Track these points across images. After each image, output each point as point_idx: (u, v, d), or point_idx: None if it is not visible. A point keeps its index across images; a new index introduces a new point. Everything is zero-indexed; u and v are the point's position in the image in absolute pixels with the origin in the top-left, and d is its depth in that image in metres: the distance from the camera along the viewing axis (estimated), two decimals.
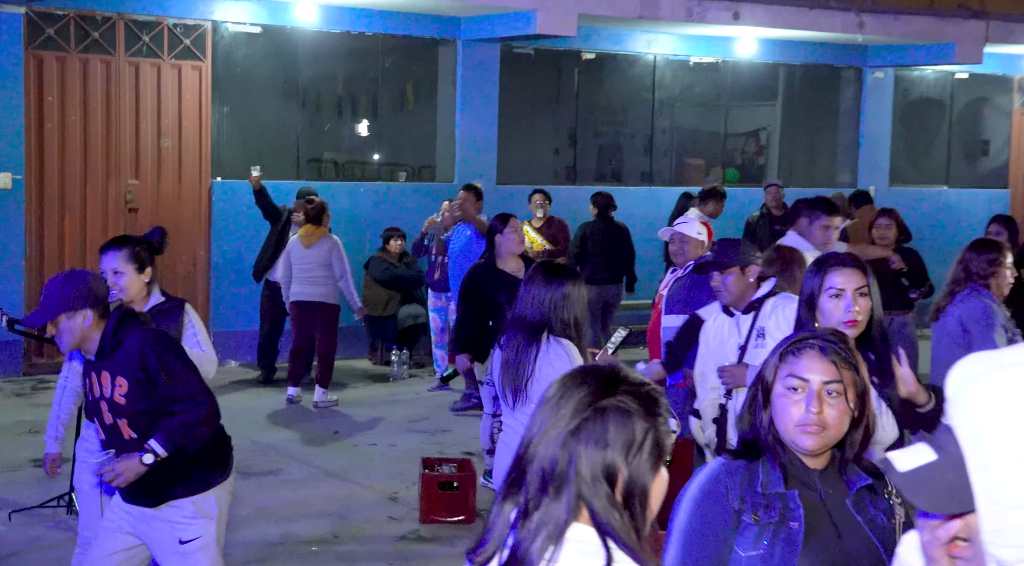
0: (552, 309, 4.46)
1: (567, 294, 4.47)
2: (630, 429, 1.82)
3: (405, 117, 12.47)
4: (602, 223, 10.80)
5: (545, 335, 4.46)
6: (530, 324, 4.48)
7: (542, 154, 13.29)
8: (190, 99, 10.89)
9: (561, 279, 4.50)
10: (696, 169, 13.87)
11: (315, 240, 9.61)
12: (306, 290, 9.59)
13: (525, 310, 4.50)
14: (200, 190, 11.06)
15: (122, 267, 4.69)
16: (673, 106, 13.80)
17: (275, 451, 8.42)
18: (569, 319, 4.47)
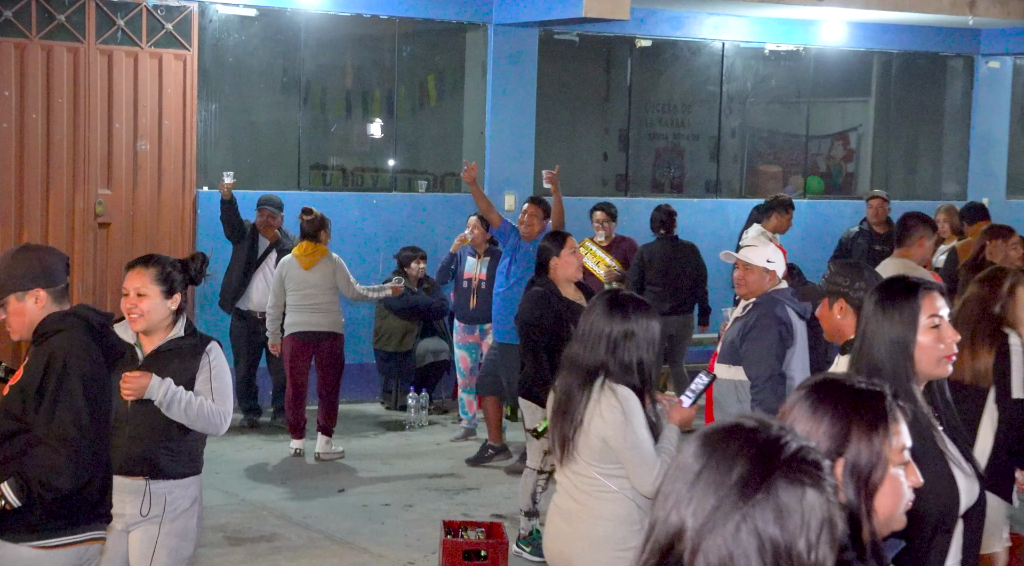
0: (611, 349, 4.42)
1: (631, 332, 4.41)
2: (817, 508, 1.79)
3: (426, 116, 12.54)
4: (666, 243, 10.70)
5: (600, 380, 4.43)
6: (583, 365, 4.47)
7: (588, 160, 13.27)
8: (172, 94, 10.90)
9: (625, 312, 4.44)
10: (771, 178, 13.82)
11: (315, 260, 9.61)
12: (309, 319, 9.59)
13: (579, 347, 4.50)
14: (183, 202, 11.07)
15: (147, 288, 4.75)
16: (744, 102, 13.76)
17: (268, 512, 8.42)
18: (631, 362, 4.42)
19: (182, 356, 4.81)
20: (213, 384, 4.82)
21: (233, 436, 10.30)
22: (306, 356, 9.67)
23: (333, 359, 9.70)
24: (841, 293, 4.78)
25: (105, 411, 4.33)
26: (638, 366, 4.42)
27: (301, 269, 9.60)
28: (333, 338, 9.67)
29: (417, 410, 10.90)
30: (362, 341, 11.45)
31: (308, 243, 9.65)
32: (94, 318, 4.29)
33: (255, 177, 11.59)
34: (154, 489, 4.83)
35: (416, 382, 11.19)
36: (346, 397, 11.50)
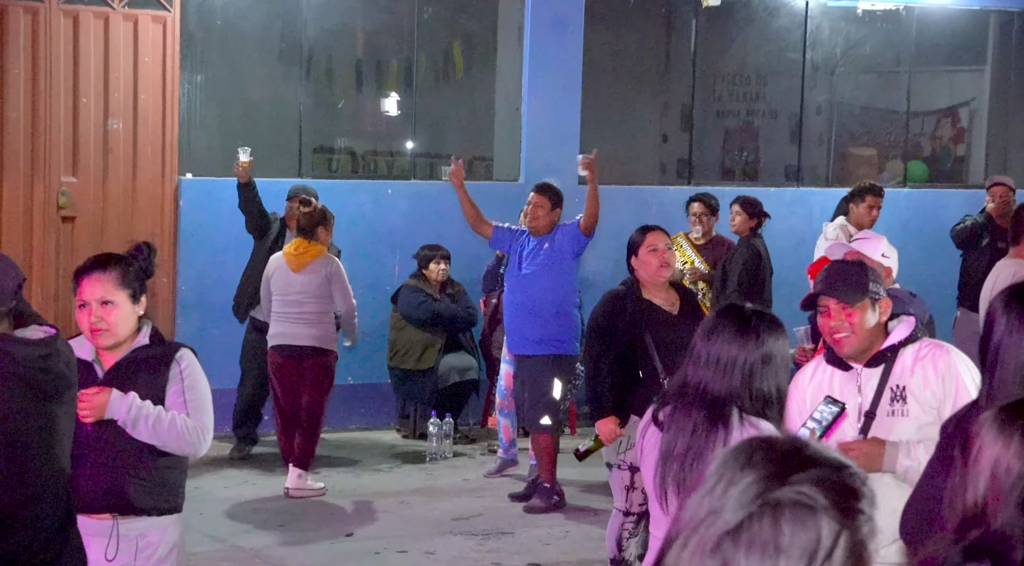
0: (747, 377, 4.36)
1: (770, 355, 4.36)
2: (814, 532, 1.83)
3: (451, 91, 12.58)
4: (755, 243, 10.63)
5: (736, 415, 4.37)
6: (712, 397, 4.39)
7: (644, 142, 13.39)
8: (150, 64, 10.91)
9: (759, 331, 4.37)
10: (864, 162, 13.79)
11: (307, 261, 9.65)
12: (293, 330, 9.65)
13: (704, 376, 4.42)
14: (163, 191, 11.09)
15: (112, 295, 4.75)
16: (833, 73, 13.72)
17: (263, 561, 8.40)
18: (770, 392, 4.37)
19: (149, 367, 4.82)
20: (187, 396, 4.82)
21: (222, 469, 10.36)
22: (291, 374, 9.73)
23: (319, 379, 9.72)
24: None
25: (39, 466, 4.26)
26: (777, 396, 4.40)
27: (289, 270, 9.63)
28: (320, 355, 9.69)
29: (440, 439, 10.89)
30: (374, 357, 11.45)
31: (302, 240, 9.68)
32: (20, 353, 4.21)
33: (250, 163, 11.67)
34: (123, 529, 4.79)
35: (439, 406, 11.20)
36: (356, 424, 11.71)
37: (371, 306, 11.18)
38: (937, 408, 4.75)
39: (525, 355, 9.41)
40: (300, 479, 9.74)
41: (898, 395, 4.81)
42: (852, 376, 4.91)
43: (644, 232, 7.44)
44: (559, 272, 9.43)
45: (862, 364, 4.90)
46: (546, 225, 9.49)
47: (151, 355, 4.84)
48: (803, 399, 5.01)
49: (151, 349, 4.85)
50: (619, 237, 12.05)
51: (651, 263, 7.29)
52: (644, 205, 12.06)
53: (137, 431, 4.73)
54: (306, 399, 9.71)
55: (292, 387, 9.75)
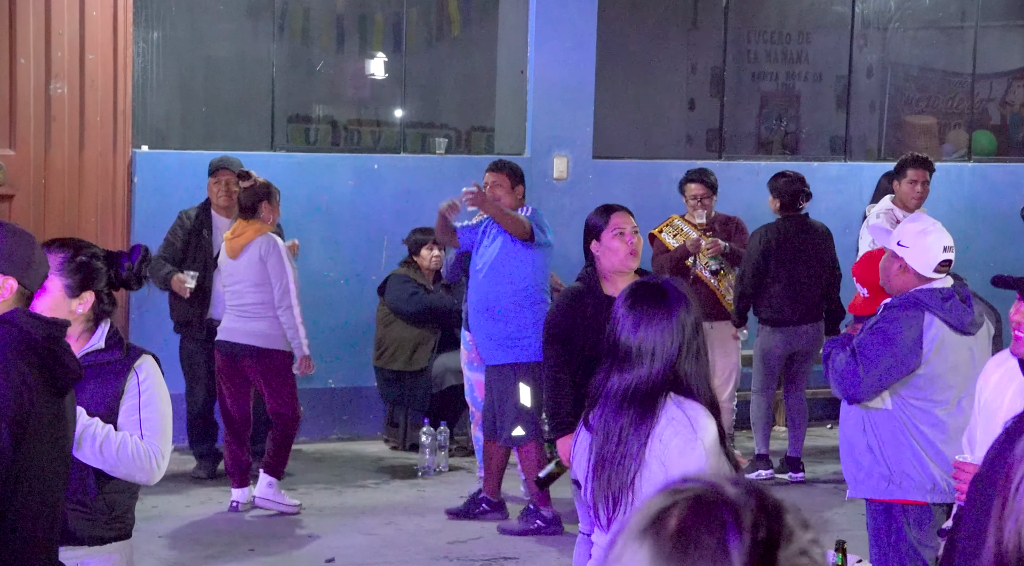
0: (676, 353, 4.59)
1: (681, 323, 4.60)
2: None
3: (446, 52, 12.59)
4: (792, 223, 10.66)
5: (663, 398, 4.58)
6: (642, 392, 4.59)
7: (669, 109, 13.39)
8: (99, 19, 10.83)
9: (668, 300, 4.62)
10: (923, 132, 13.83)
11: (242, 244, 9.58)
12: (232, 325, 9.67)
13: (627, 367, 4.62)
14: (114, 166, 11.02)
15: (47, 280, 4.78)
16: (886, 29, 13.77)
17: None
18: (690, 366, 4.61)
19: (101, 375, 4.80)
20: (142, 413, 4.82)
21: (183, 486, 10.34)
22: (234, 376, 9.76)
23: (268, 380, 9.68)
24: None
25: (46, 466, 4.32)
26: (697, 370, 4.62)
27: (227, 257, 9.66)
28: (262, 357, 9.63)
29: (433, 451, 10.85)
30: (359, 357, 11.44)
31: (240, 220, 9.67)
32: (36, 329, 4.29)
33: (213, 134, 11.72)
34: (62, 559, 4.67)
35: (432, 412, 11.13)
36: (337, 433, 11.72)
37: (354, 299, 11.25)
38: None
39: (490, 365, 9.44)
40: (271, 488, 9.72)
41: None
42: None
43: (607, 212, 7.36)
44: (518, 260, 9.36)
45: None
46: (508, 206, 9.44)
47: (105, 361, 4.81)
48: (986, 384, 5.20)
49: (106, 354, 4.83)
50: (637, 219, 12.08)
51: (618, 250, 7.21)
52: (668, 182, 11.98)
53: (81, 452, 4.69)
54: (269, 401, 9.71)
55: (238, 391, 9.77)
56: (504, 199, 9.44)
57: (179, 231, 10.45)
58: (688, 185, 10.89)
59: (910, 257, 6.29)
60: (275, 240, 9.60)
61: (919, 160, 10.84)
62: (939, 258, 6.29)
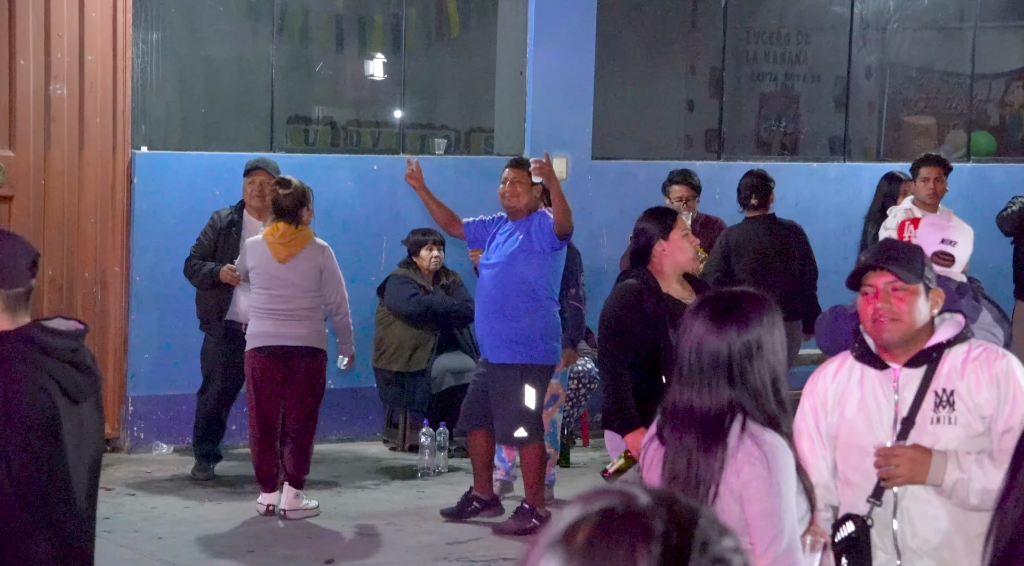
0: (738, 376, 4.39)
1: (756, 343, 4.39)
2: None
3: (445, 53, 12.57)
4: (758, 223, 10.78)
5: (737, 428, 4.39)
6: (702, 413, 4.43)
7: (668, 110, 13.28)
8: (98, 20, 10.87)
9: (738, 317, 4.41)
10: (922, 133, 13.82)
11: (296, 250, 9.63)
12: (280, 330, 9.62)
13: (689, 385, 4.46)
14: (113, 166, 11.07)
15: None
16: (885, 29, 13.70)
17: None
18: (764, 389, 4.39)
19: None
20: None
21: (183, 488, 10.37)
22: (276, 380, 9.71)
23: (310, 384, 9.72)
24: None
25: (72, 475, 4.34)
26: (775, 393, 4.40)
27: (274, 261, 9.60)
28: (313, 356, 9.69)
29: (433, 452, 10.86)
30: (358, 358, 10.93)
31: (286, 225, 9.63)
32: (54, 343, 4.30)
33: (213, 134, 11.70)
34: None
35: (432, 414, 11.12)
36: (336, 434, 11.70)
37: (354, 299, 10.66)
38: (989, 417, 4.80)
39: (495, 363, 9.43)
40: (297, 499, 9.76)
41: (944, 400, 4.83)
42: (887, 376, 4.91)
43: (672, 214, 7.51)
44: (534, 263, 9.40)
45: (901, 363, 4.91)
46: (526, 204, 9.49)
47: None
48: (823, 402, 5.01)
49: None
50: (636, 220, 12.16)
51: (687, 250, 7.37)
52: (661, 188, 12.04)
53: None
54: (297, 408, 9.71)
55: (276, 395, 9.72)
56: (522, 197, 9.46)
57: (210, 231, 10.40)
58: (672, 187, 10.95)
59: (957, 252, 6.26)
60: (330, 249, 9.67)
61: (930, 158, 10.87)
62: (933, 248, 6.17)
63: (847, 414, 4.96)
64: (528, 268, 9.39)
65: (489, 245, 9.63)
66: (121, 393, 11.23)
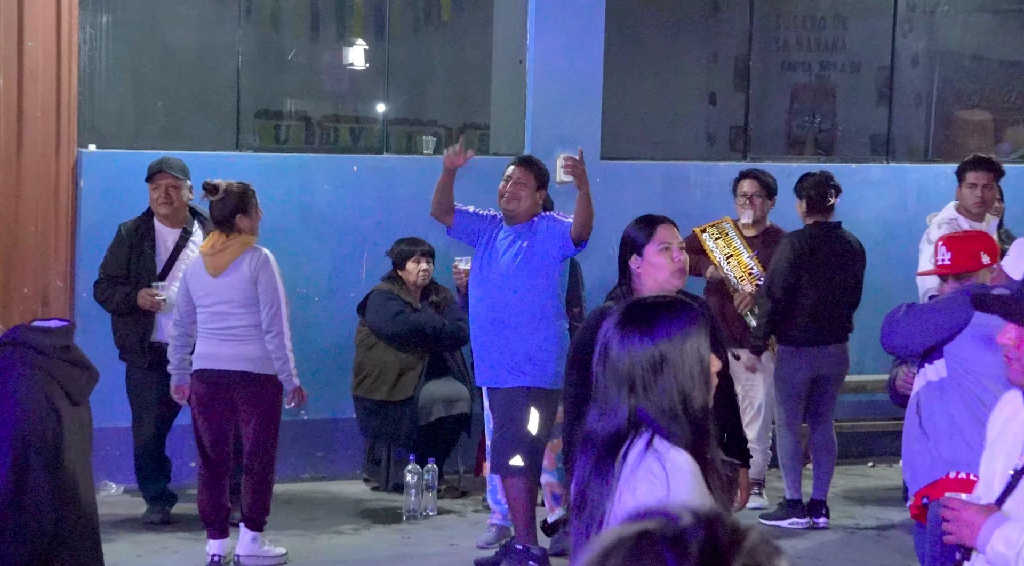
0: (641, 389, 4.47)
1: (662, 356, 4.48)
2: None
3: (435, 39, 12.90)
4: (821, 232, 10.64)
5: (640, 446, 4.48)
6: (604, 431, 4.54)
7: (687, 104, 13.52)
8: (40, 2, 10.79)
9: (649, 323, 4.50)
10: (975, 130, 13.89)
11: (228, 260, 9.49)
12: (222, 351, 9.52)
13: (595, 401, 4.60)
14: (56, 167, 10.96)
15: None
16: (933, 14, 13.90)
17: None
18: (673, 404, 4.47)
19: None
20: None
21: (135, 533, 10.32)
22: (218, 407, 9.62)
23: (261, 414, 9.61)
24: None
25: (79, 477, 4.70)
26: (686, 410, 4.47)
27: (206, 274, 9.53)
28: (254, 383, 9.54)
29: (420, 491, 10.72)
30: (335, 385, 11.34)
31: (218, 234, 9.56)
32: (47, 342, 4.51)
33: (171, 131, 11.87)
34: None
35: (419, 448, 11.03)
36: (311, 471, 11.62)
37: (331, 318, 11.21)
38: None
39: (497, 389, 9.39)
40: (255, 543, 9.66)
41: None
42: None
43: (652, 224, 7.20)
44: (542, 274, 9.33)
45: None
46: (527, 209, 9.36)
47: None
48: (996, 419, 5.15)
49: None
50: None
51: (663, 267, 7.06)
52: (687, 186, 12.02)
53: None
54: (249, 440, 9.58)
55: (220, 425, 9.61)
56: (524, 201, 9.34)
57: (118, 247, 10.37)
58: (741, 182, 11.02)
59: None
60: (267, 255, 9.55)
61: (979, 161, 10.70)
62: None
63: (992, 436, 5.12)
64: (536, 280, 9.32)
65: (484, 252, 9.54)
66: None
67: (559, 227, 9.26)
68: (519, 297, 9.26)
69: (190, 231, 10.39)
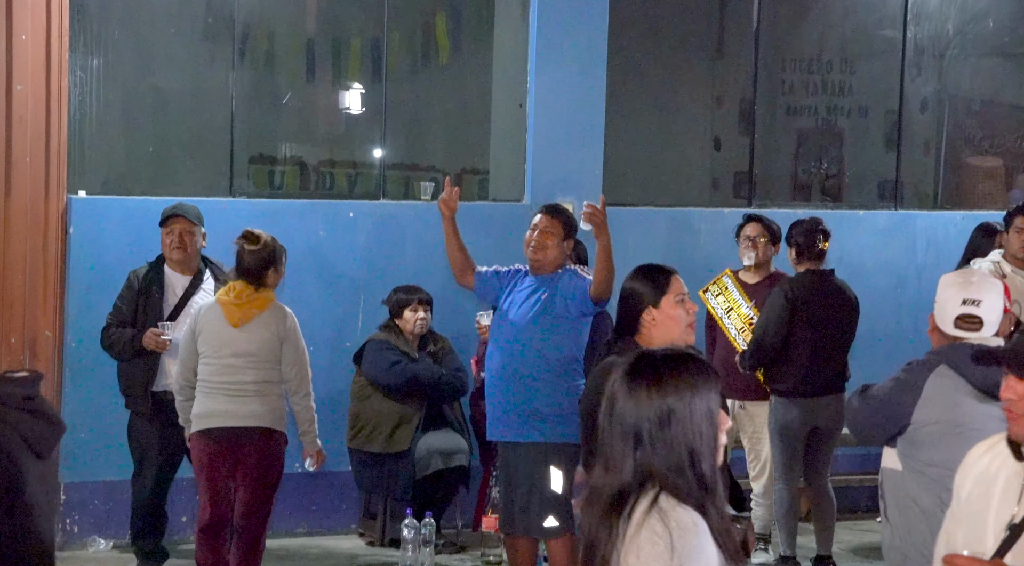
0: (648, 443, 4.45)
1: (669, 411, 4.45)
2: None
3: (433, 82, 12.82)
4: (819, 280, 10.63)
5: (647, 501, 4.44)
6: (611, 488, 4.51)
7: (691, 150, 13.51)
8: (29, 43, 10.80)
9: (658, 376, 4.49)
10: (986, 176, 13.97)
11: (253, 313, 9.43)
12: (229, 407, 9.41)
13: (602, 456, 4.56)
14: (46, 213, 10.97)
15: None
16: (943, 54, 13.88)
17: None
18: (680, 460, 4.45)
19: None
20: None
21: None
22: (225, 466, 9.49)
23: (263, 471, 9.48)
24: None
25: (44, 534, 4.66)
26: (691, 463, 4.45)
27: (226, 324, 9.39)
28: (268, 438, 9.45)
29: (417, 547, 10.56)
30: (331, 436, 11.00)
31: (245, 285, 9.46)
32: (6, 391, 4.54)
33: (163, 176, 11.79)
34: None
35: (416, 502, 10.98)
36: (305, 526, 11.62)
37: (327, 368, 11.14)
38: None
39: (511, 443, 9.27)
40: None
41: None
42: (1020, 472, 4.86)
43: (665, 275, 7.16)
44: (561, 327, 9.23)
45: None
46: (553, 260, 9.28)
47: None
48: (966, 477, 5.06)
49: None
50: None
51: (680, 320, 7.08)
52: (691, 232, 12.06)
53: None
54: (245, 497, 9.48)
55: (226, 483, 9.51)
56: (551, 250, 9.23)
57: (128, 293, 10.30)
58: (745, 226, 11.05)
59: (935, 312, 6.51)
60: (293, 317, 9.52)
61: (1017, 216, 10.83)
62: (956, 312, 6.37)
63: (972, 495, 5.02)
64: (552, 334, 9.23)
65: (505, 300, 9.47)
66: None
67: (580, 284, 9.20)
68: (533, 350, 9.19)
69: (201, 279, 10.32)
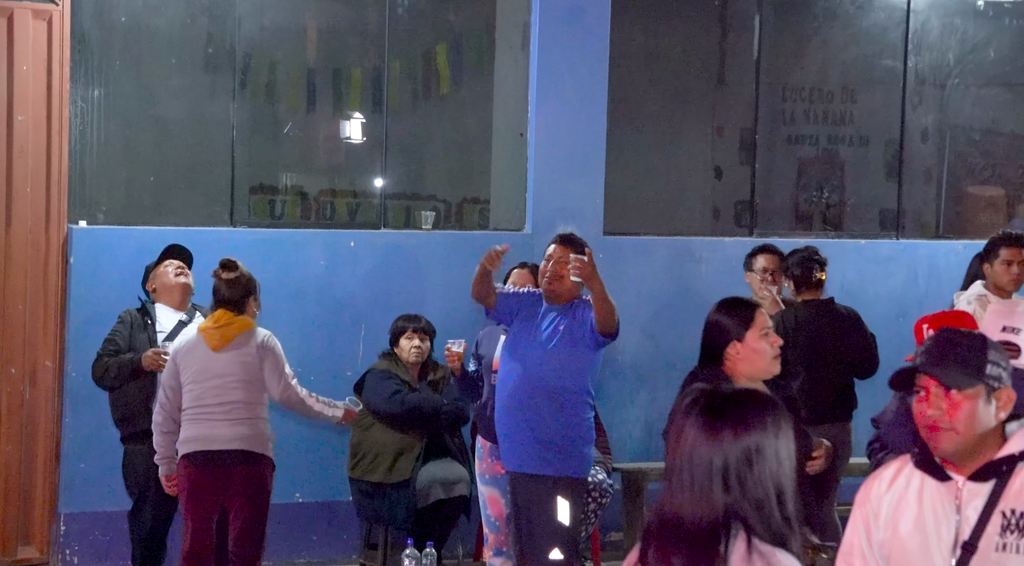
0: (735, 486, 4.32)
1: (757, 448, 4.33)
2: None
3: (434, 111, 12.78)
4: (811, 309, 10.72)
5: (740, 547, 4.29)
6: (693, 529, 4.35)
7: (692, 179, 13.41)
8: (30, 74, 10.91)
9: (734, 419, 4.34)
10: (988, 205, 14.00)
11: (235, 334, 9.55)
12: (215, 432, 9.48)
13: (678, 498, 4.41)
14: (46, 243, 11.08)
15: None
16: (944, 84, 13.82)
17: None
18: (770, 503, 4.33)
19: None
20: None
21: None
22: (209, 492, 9.54)
23: (250, 496, 9.52)
24: None
25: None
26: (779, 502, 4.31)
27: (207, 349, 9.52)
28: (253, 463, 9.51)
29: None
30: (331, 466, 11.38)
31: (224, 312, 9.60)
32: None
33: (163, 206, 11.76)
34: None
35: (417, 531, 10.95)
36: (305, 556, 11.65)
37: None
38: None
39: (520, 473, 9.27)
40: None
41: (1013, 523, 4.76)
42: (950, 490, 4.83)
43: (750, 309, 7.31)
44: (575, 359, 9.22)
45: (965, 475, 4.81)
46: (569, 290, 9.28)
47: None
48: (876, 513, 4.96)
49: None
50: (656, 304, 12.12)
51: (766, 353, 7.17)
52: (692, 262, 12.09)
53: None
54: (236, 525, 9.53)
55: (210, 510, 9.56)
56: (566, 281, 9.23)
57: (123, 328, 10.28)
58: (756, 257, 11.04)
59: None
60: (274, 338, 9.61)
61: (1013, 237, 10.78)
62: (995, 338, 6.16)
63: (901, 531, 4.91)
64: (570, 363, 9.23)
65: (520, 326, 9.44)
66: (52, 509, 11.13)
67: (589, 316, 9.20)
68: (551, 379, 9.19)
69: (190, 319, 10.29)
